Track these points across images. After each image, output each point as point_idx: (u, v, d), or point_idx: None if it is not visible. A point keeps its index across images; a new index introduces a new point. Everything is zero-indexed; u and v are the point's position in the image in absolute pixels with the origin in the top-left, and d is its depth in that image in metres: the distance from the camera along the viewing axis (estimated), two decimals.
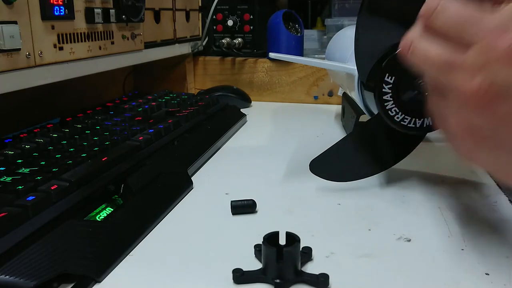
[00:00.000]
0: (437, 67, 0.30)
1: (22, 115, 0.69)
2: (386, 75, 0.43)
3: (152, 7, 0.80)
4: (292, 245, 0.33)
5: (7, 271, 0.31)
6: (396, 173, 0.52)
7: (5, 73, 0.49)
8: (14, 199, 0.37)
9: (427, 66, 0.31)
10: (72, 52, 0.59)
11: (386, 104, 0.44)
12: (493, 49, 0.26)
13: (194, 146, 0.60)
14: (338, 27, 1.01)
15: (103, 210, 0.42)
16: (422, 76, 0.34)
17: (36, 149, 0.50)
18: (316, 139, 0.70)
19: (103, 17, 0.63)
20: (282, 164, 0.58)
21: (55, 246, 0.34)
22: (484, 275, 0.33)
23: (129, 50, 0.72)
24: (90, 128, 0.59)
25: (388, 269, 0.34)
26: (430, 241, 0.38)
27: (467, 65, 0.28)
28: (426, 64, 0.31)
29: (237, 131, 0.75)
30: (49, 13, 0.54)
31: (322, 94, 0.96)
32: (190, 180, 0.51)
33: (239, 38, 0.99)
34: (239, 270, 0.33)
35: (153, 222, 0.42)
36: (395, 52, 0.42)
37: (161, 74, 1.00)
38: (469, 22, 0.28)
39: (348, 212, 0.44)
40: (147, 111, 0.69)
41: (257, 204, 0.44)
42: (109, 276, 0.34)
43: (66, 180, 0.41)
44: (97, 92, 0.86)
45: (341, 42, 0.65)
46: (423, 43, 0.30)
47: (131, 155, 0.51)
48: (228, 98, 0.88)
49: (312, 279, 0.32)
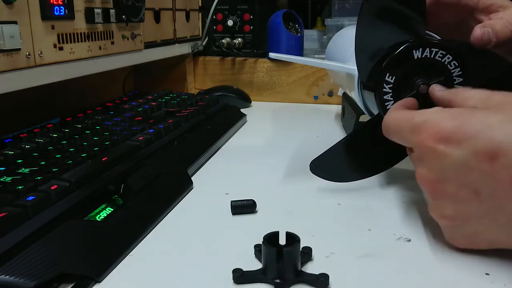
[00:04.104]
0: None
1: (22, 115, 0.69)
2: (387, 75, 0.43)
3: (152, 7, 0.80)
4: (292, 245, 0.33)
5: (7, 271, 0.31)
6: (396, 173, 0.52)
7: (5, 73, 0.49)
8: (14, 199, 0.37)
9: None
10: (72, 52, 0.59)
11: (386, 104, 0.44)
12: (421, 147, 0.34)
13: (194, 146, 0.60)
14: (338, 27, 1.01)
15: (103, 210, 0.42)
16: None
17: (36, 149, 0.50)
18: (316, 139, 0.70)
19: (103, 17, 0.63)
20: (282, 164, 0.58)
21: (55, 246, 0.34)
22: (484, 275, 0.33)
23: (129, 50, 0.72)
24: (90, 128, 0.59)
25: (388, 269, 0.34)
26: (430, 241, 0.38)
27: (413, 161, 0.36)
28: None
29: (237, 131, 0.75)
30: (49, 13, 0.54)
31: (322, 94, 0.96)
32: (190, 180, 0.51)
33: (239, 38, 0.99)
34: (239, 270, 0.33)
35: (153, 222, 0.42)
36: (395, 52, 0.42)
37: (161, 74, 1.00)
38: (401, 128, 0.36)
39: (348, 212, 0.44)
40: (147, 111, 0.69)
41: (257, 204, 0.44)
42: (109, 276, 0.34)
43: (66, 180, 0.41)
44: (97, 92, 0.86)
45: (341, 42, 0.65)
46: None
47: (131, 155, 0.51)
48: (228, 98, 0.88)
49: (312, 279, 0.32)
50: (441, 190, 0.33)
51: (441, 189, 0.33)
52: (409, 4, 0.44)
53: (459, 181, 0.32)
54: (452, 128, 0.32)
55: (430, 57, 0.42)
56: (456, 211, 0.33)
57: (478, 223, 0.33)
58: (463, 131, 0.31)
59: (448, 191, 0.33)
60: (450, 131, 0.32)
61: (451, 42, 0.43)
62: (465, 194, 0.32)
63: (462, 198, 0.33)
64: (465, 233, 0.35)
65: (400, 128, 0.36)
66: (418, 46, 0.42)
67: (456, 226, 0.34)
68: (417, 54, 0.42)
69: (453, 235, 0.36)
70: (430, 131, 0.33)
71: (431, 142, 0.33)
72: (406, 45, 0.42)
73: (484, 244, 0.35)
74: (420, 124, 0.34)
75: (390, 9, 0.44)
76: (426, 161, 0.34)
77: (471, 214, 0.33)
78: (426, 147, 0.33)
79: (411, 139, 0.35)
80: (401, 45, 0.42)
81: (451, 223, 0.34)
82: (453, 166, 0.32)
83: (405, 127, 0.36)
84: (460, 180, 0.32)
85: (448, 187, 0.33)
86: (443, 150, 0.32)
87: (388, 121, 0.38)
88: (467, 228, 0.34)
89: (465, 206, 0.33)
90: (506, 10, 0.47)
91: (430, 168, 0.33)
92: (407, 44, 0.42)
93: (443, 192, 0.33)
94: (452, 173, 0.32)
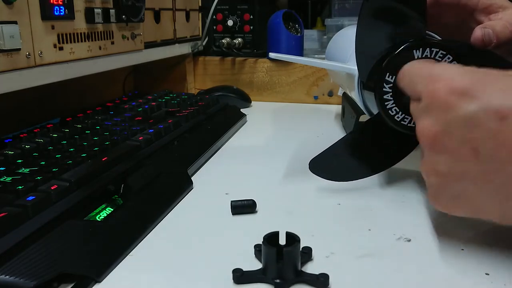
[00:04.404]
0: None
1: (22, 115, 0.69)
2: (387, 75, 0.43)
3: (152, 7, 0.80)
4: (292, 245, 0.33)
5: (7, 271, 0.31)
6: (396, 173, 0.52)
7: (5, 73, 0.49)
8: (14, 199, 0.37)
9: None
10: (72, 52, 0.59)
11: (386, 103, 0.44)
12: (433, 96, 0.33)
13: (194, 146, 0.60)
14: (338, 27, 1.01)
15: (103, 210, 0.42)
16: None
17: (36, 149, 0.50)
18: (316, 139, 0.70)
19: (103, 17, 0.63)
20: (282, 164, 0.58)
21: (55, 246, 0.34)
22: (484, 275, 0.33)
23: (129, 50, 0.72)
24: (90, 128, 0.59)
25: (388, 269, 0.34)
26: (430, 241, 0.38)
27: (418, 112, 0.35)
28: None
29: (237, 131, 0.75)
30: (49, 13, 0.54)
31: (322, 94, 0.96)
32: (190, 180, 0.51)
33: (239, 38, 0.99)
34: (239, 270, 0.33)
35: (153, 222, 0.42)
36: (396, 52, 0.42)
37: (161, 74, 1.00)
38: (417, 76, 0.36)
39: (348, 212, 0.44)
40: (147, 111, 0.69)
41: (257, 204, 0.44)
42: (109, 276, 0.34)
43: (66, 180, 0.41)
44: (97, 92, 0.86)
45: (341, 42, 0.65)
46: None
47: (131, 155, 0.51)
48: (228, 98, 0.88)
49: (312, 279, 0.32)
50: (441, 143, 0.32)
51: (441, 142, 0.32)
52: (409, 4, 0.44)
53: (461, 137, 0.31)
54: (469, 83, 0.31)
55: (431, 57, 0.42)
56: (450, 167, 0.32)
57: (470, 183, 0.32)
58: (479, 88, 0.31)
59: (448, 145, 0.32)
60: (466, 85, 0.31)
61: (451, 42, 0.43)
62: (464, 151, 0.31)
63: (460, 155, 0.32)
64: (451, 193, 0.33)
65: (417, 74, 0.36)
66: (418, 46, 0.42)
67: (445, 184, 0.33)
68: (417, 54, 0.42)
69: (438, 194, 0.34)
70: (446, 82, 0.32)
71: (445, 92, 0.32)
72: (406, 45, 0.42)
73: (466, 210, 0.34)
74: (438, 74, 0.33)
75: (390, 9, 0.44)
76: (432, 112, 0.33)
77: (465, 172, 0.32)
78: (438, 97, 0.32)
79: (425, 86, 0.34)
80: (401, 45, 0.42)
81: (441, 180, 0.33)
82: (460, 119, 0.31)
83: (422, 73, 0.35)
84: (463, 135, 0.31)
85: (449, 141, 0.32)
86: (454, 101, 0.31)
87: (406, 68, 0.38)
88: (455, 188, 0.33)
89: (461, 163, 0.32)
90: (506, 10, 0.47)
91: (435, 119, 0.33)
92: (407, 44, 0.42)
93: (442, 145, 0.32)
94: (457, 127, 0.31)
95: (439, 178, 0.34)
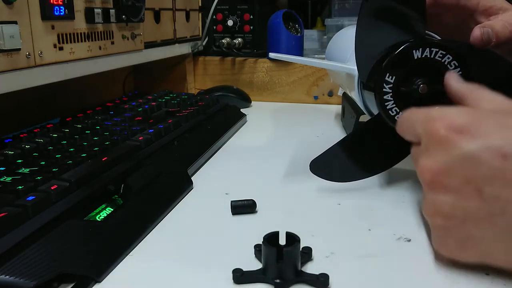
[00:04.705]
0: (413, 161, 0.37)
1: (22, 115, 0.69)
2: (387, 75, 0.43)
3: (152, 7, 0.80)
4: (292, 245, 0.33)
5: (7, 271, 0.31)
6: (396, 173, 0.52)
7: (5, 73, 0.49)
8: (14, 199, 0.37)
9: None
10: (72, 52, 0.59)
11: (386, 104, 0.44)
12: (431, 135, 0.33)
13: (194, 146, 0.60)
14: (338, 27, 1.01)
15: (103, 210, 0.42)
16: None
17: (36, 149, 0.50)
18: (316, 139, 0.70)
19: (103, 17, 0.63)
20: (282, 164, 0.58)
21: (55, 246, 0.34)
22: (484, 275, 0.33)
23: (129, 50, 0.72)
24: (90, 128, 0.59)
25: (388, 269, 0.34)
26: (430, 241, 0.38)
27: (418, 155, 0.35)
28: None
29: (237, 131, 0.75)
30: (49, 13, 0.54)
31: (322, 94, 0.96)
32: (190, 180, 0.51)
33: (239, 38, 0.99)
34: (239, 270, 0.33)
35: (153, 222, 0.42)
36: (396, 52, 0.42)
37: (161, 74, 1.00)
38: (416, 120, 0.36)
39: (348, 212, 0.44)
40: (147, 111, 0.69)
41: (257, 204, 0.44)
42: (109, 276, 0.34)
43: (66, 180, 0.41)
44: (97, 92, 0.86)
45: (341, 42, 0.65)
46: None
47: (131, 155, 0.51)
48: (228, 98, 0.88)
49: (312, 279, 0.32)
50: (443, 183, 0.32)
51: (443, 182, 0.32)
52: (409, 4, 0.44)
53: (464, 176, 0.31)
54: (468, 122, 0.31)
55: (430, 57, 0.42)
56: (454, 208, 0.32)
57: (475, 226, 0.31)
58: (479, 126, 0.31)
59: (450, 185, 0.31)
60: (465, 123, 0.31)
61: (451, 42, 0.43)
62: (467, 191, 0.31)
63: (463, 195, 0.31)
64: (458, 237, 0.32)
65: (415, 117, 0.36)
66: (418, 46, 0.42)
67: (450, 227, 0.32)
68: (417, 54, 0.42)
69: (443, 238, 0.34)
70: (445, 121, 0.32)
71: (444, 130, 0.32)
72: (406, 45, 0.42)
73: (475, 255, 0.33)
74: (436, 115, 0.33)
75: (390, 9, 0.44)
76: (433, 151, 0.32)
77: (469, 214, 0.31)
78: (437, 136, 0.32)
79: (424, 127, 0.34)
80: (401, 45, 0.42)
81: (445, 222, 0.32)
82: (462, 158, 0.31)
83: (420, 116, 0.35)
84: (465, 174, 0.31)
85: (452, 180, 0.31)
86: (455, 139, 0.31)
87: (404, 114, 0.38)
88: (460, 231, 0.32)
89: (465, 204, 0.31)
90: (506, 12, 0.47)
91: (436, 159, 0.32)
92: (407, 44, 0.42)
93: (444, 185, 0.32)
94: (459, 166, 0.31)
95: (443, 220, 0.33)
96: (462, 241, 0.32)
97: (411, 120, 0.37)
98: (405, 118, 0.38)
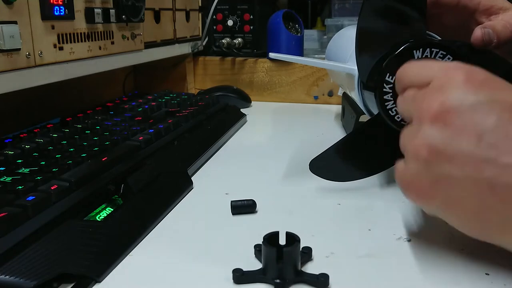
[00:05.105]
0: (410, 101, 0.36)
1: (22, 115, 0.69)
2: (387, 75, 0.43)
3: (152, 7, 0.80)
4: (292, 245, 0.33)
5: (7, 271, 0.31)
6: None
7: (5, 73, 0.49)
8: (14, 199, 0.37)
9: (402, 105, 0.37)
10: (72, 52, 0.59)
11: (386, 104, 0.44)
12: (448, 79, 0.33)
13: (194, 146, 0.60)
14: (338, 27, 1.01)
15: (103, 210, 0.42)
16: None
17: (36, 149, 0.50)
18: (316, 139, 0.70)
19: (103, 17, 0.63)
20: (282, 164, 0.58)
21: (55, 246, 0.34)
22: (484, 275, 0.33)
23: (129, 50, 0.72)
24: (90, 128, 0.59)
25: (388, 269, 0.34)
26: (430, 241, 0.38)
27: (429, 93, 0.33)
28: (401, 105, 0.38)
29: (237, 131, 0.75)
30: (49, 13, 0.54)
31: (322, 94, 0.96)
32: (190, 180, 0.51)
33: (239, 38, 0.99)
34: (239, 270, 0.33)
35: (153, 222, 0.42)
36: (396, 52, 0.42)
37: (161, 74, 1.00)
38: (426, 68, 0.35)
39: (348, 212, 0.44)
40: (147, 111, 0.69)
41: (257, 204, 0.44)
42: (109, 276, 0.34)
43: (66, 180, 0.41)
44: (97, 92, 0.87)
45: (341, 42, 0.65)
46: (399, 100, 0.38)
47: (131, 155, 0.51)
48: (228, 98, 0.88)
49: (312, 279, 0.32)
50: (446, 119, 0.31)
51: (448, 119, 0.31)
52: (410, 4, 0.44)
53: (471, 119, 0.30)
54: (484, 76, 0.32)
55: (431, 57, 0.42)
56: (446, 144, 0.31)
57: (459, 166, 0.30)
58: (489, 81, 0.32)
59: (454, 123, 0.31)
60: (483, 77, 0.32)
61: (451, 43, 0.43)
62: (468, 131, 0.30)
63: (462, 135, 0.31)
64: (434, 174, 0.31)
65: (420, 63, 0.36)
66: (418, 46, 0.42)
67: (432, 162, 0.31)
68: (417, 54, 0.42)
69: (418, 175, 0.32)
70: (465, 69, 0.33)
71: (464, 77, 0.32)
72: (406, 45, 0.42)
73: (440, 199, 0.32)
74: (452, 65, 0.34)
75: (390, 9, 0.44)
76: (449, 90, 0.32)
77: (460, 153, 0.30)
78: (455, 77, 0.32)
79: (439, 66, 0.35)
80: (401, 45, 0.42)
81: (430, 156, 0.31)
82: (474, 105, 0.31)
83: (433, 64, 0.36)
84: (473, 118, 0.30)
85: (458, 120, 0.31)
86: (473, 88, 0.32)
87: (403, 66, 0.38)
88: (441, 168, 0.31)
89: (460, 142, 0.31)
90: (507, 12, 0.47)
91: (451, 96, 0.31)
92: (408, 44, 0.42)
93: (447, 122, 0.31)
94: (470, 110, 0.31)
95: (429, 154, 0.31)
96: (436, 180, 0.32)
97: (418, 63, 0.36)
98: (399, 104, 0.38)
